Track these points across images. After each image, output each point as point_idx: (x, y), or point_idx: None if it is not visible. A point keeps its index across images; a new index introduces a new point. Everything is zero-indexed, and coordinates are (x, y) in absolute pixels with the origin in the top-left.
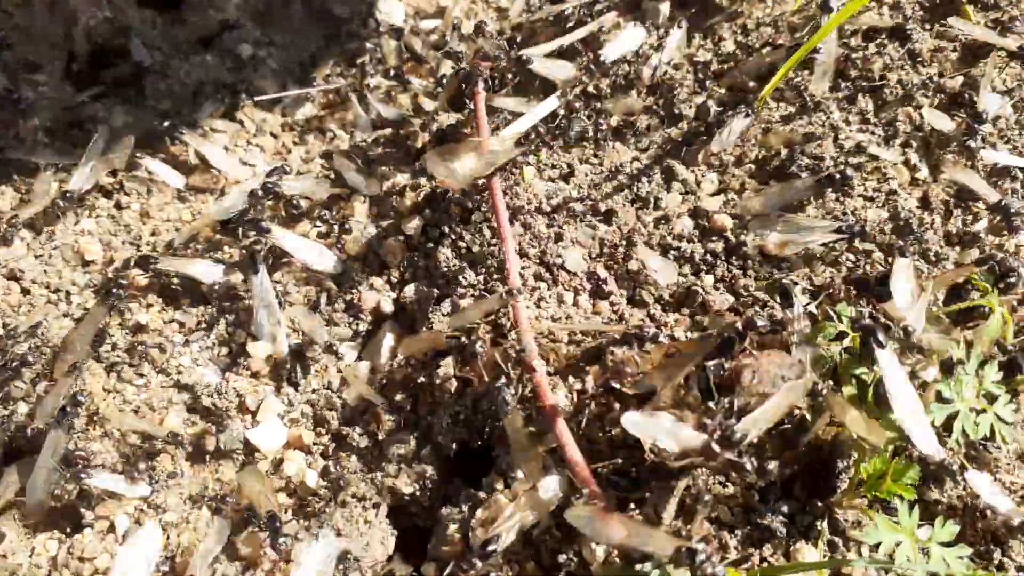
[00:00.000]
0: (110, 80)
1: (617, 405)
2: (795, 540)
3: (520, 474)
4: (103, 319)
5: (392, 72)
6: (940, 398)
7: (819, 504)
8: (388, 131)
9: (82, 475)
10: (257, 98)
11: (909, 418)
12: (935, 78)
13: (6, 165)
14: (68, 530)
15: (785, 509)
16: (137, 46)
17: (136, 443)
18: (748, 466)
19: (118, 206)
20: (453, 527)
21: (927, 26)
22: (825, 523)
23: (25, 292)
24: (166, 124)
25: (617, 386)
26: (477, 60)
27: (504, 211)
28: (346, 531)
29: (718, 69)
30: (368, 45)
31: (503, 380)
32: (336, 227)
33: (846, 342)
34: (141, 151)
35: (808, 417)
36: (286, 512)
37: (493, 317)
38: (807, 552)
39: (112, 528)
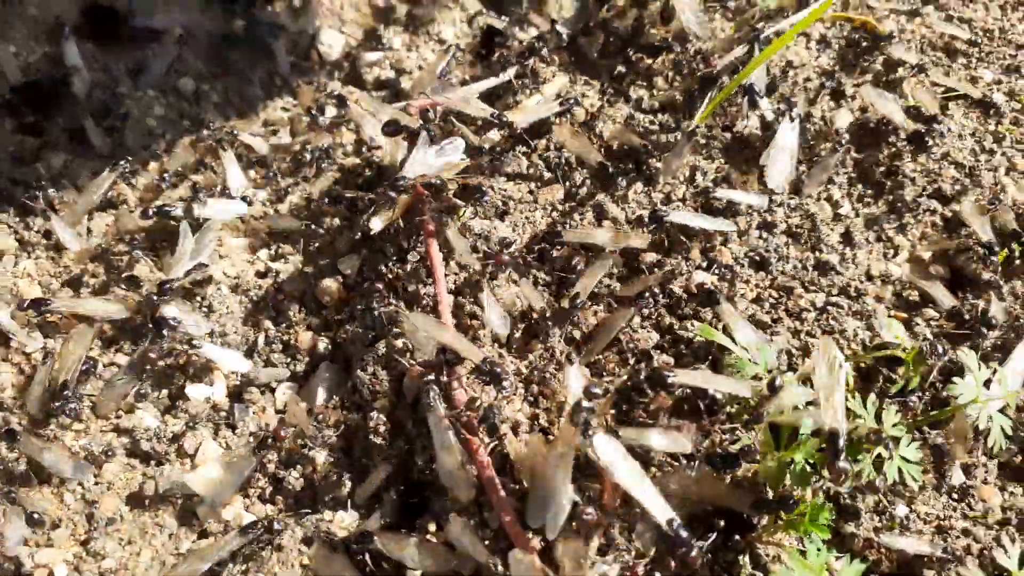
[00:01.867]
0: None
1: None
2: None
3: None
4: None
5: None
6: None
7: (740, 540)
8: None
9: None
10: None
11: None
12: None
13: None
14: None
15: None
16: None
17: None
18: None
19: (57, 247)
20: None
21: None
22: (747, 558)
23: None
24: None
25: None
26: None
27: (437, 252)
28: (280, 573)
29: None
30: (311, 80)
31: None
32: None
33: None
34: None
35: None
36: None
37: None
38: None
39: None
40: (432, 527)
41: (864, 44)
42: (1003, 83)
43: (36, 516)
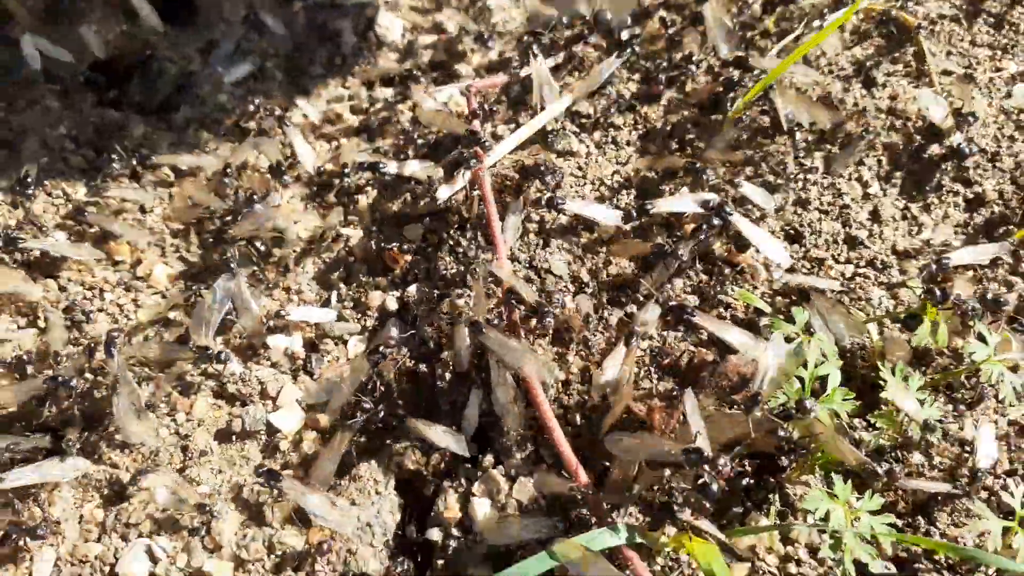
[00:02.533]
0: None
1: None
2: (751, 511)
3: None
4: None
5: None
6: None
7: (771, 480)
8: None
9: None
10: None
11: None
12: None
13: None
14: (111, 499)
15: (743, 484)
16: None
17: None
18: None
19: (142, 210)
20: (453, 497)
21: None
22: (776, 496)
23: (62, 289)
24: None
25: None
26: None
27: (497, 220)
28: (359, 501)
29: None
30: (369, 60)
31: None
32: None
33: None
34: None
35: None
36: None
37: None
38: (761, 521)
39: (153, 498)
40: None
41: (895, 34)
42: None
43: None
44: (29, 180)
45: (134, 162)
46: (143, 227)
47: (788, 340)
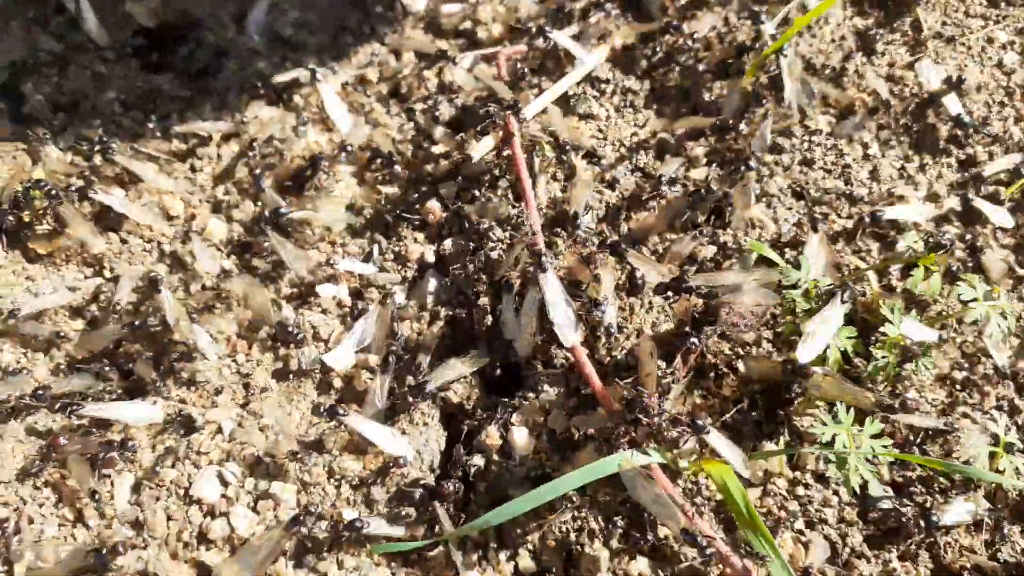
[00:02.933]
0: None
1: None
2: (762, 441)
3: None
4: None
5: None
6: None
7: (780, 413)
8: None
9: None
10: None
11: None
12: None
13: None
14: (182, 432)
15: (754, 415)
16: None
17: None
18: None
19: (192, 169)
20: (494, 427)
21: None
22: (786, 428)
23: (123, 242)
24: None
25: None
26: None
27: (527, 177)
28: (409, 431)
29: None
30: (395, 28)
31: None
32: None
33: None
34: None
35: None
36: None
37: None
38: (772, 449)
39: (220, 430)
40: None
41: (892, 6)
42: (1016, 44)
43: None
44: (91, 140)
45: (178, 127)
46: (194, 184)
47: (795, 286)
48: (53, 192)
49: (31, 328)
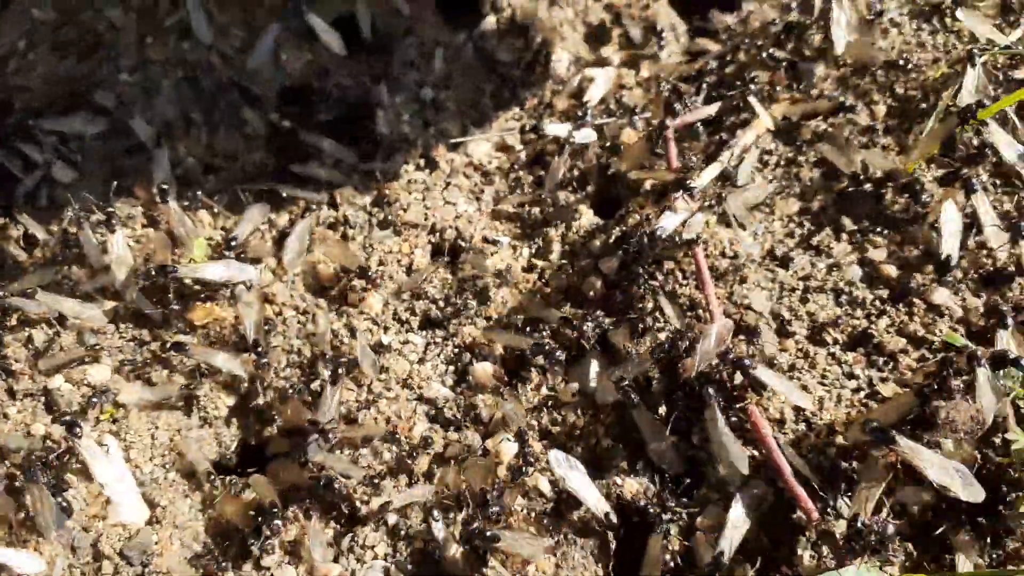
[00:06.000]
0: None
1: None
2: None
3: None
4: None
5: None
6: None
7: None
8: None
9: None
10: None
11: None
12: None
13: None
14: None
15: None
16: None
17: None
18: None
19: (344, 237)
20: None
21: None
22: None
23: (278, 314)
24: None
25: None
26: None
27: (703, 260)
28: None
29: None
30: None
31: None
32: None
33: None
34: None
35: None
36: None
37: None
38: None
39: None
40: None
41: None
42: None
43: None
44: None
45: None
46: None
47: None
48: None
49: None
